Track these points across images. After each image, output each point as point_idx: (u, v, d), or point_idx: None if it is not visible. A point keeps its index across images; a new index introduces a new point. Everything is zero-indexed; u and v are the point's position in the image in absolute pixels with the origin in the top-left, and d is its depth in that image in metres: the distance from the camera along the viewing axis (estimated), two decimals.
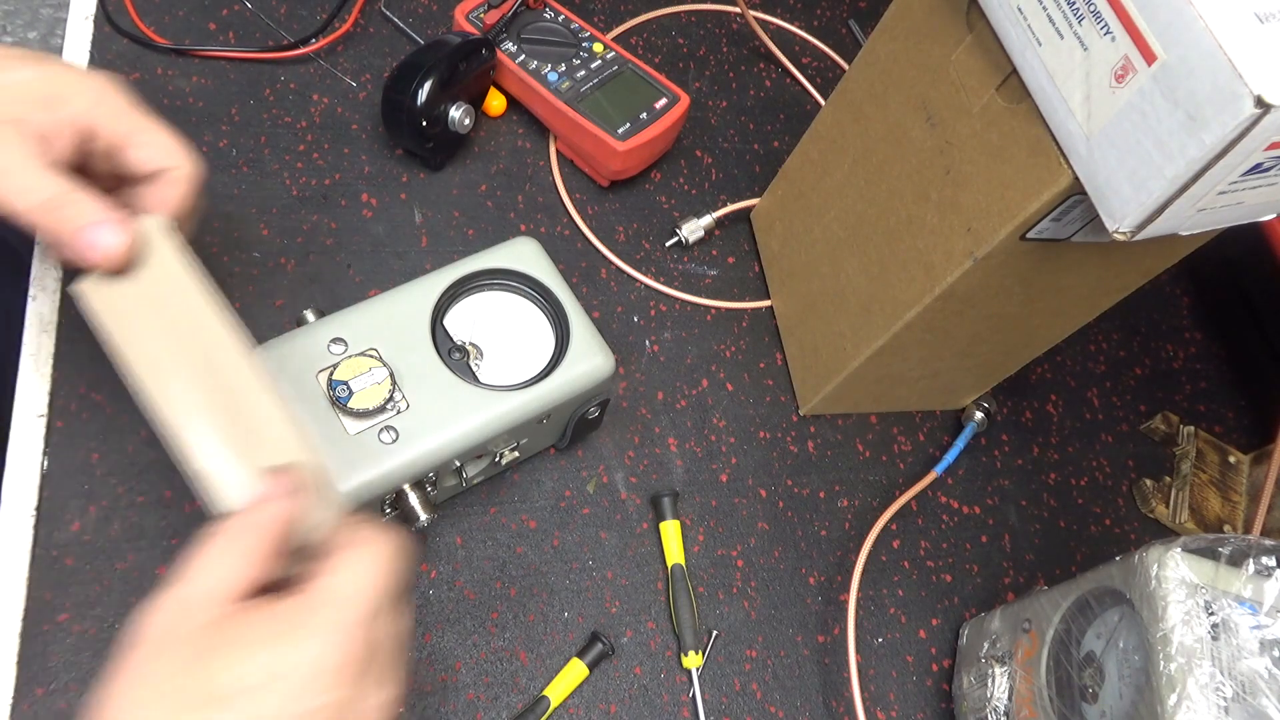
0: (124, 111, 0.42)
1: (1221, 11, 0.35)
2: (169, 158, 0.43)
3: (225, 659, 0.33)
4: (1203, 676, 0.43)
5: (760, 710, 0.58)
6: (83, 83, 0.41)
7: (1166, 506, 0.71)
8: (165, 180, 0.43)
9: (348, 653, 0.34)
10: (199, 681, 0.32)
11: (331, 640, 0.34)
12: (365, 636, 0.35)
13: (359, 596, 0.35)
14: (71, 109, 0.41)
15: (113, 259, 0.39)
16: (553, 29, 0.71)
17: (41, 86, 0.41)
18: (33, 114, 0.40)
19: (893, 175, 0.57)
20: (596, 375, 0.55)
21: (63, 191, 0.39)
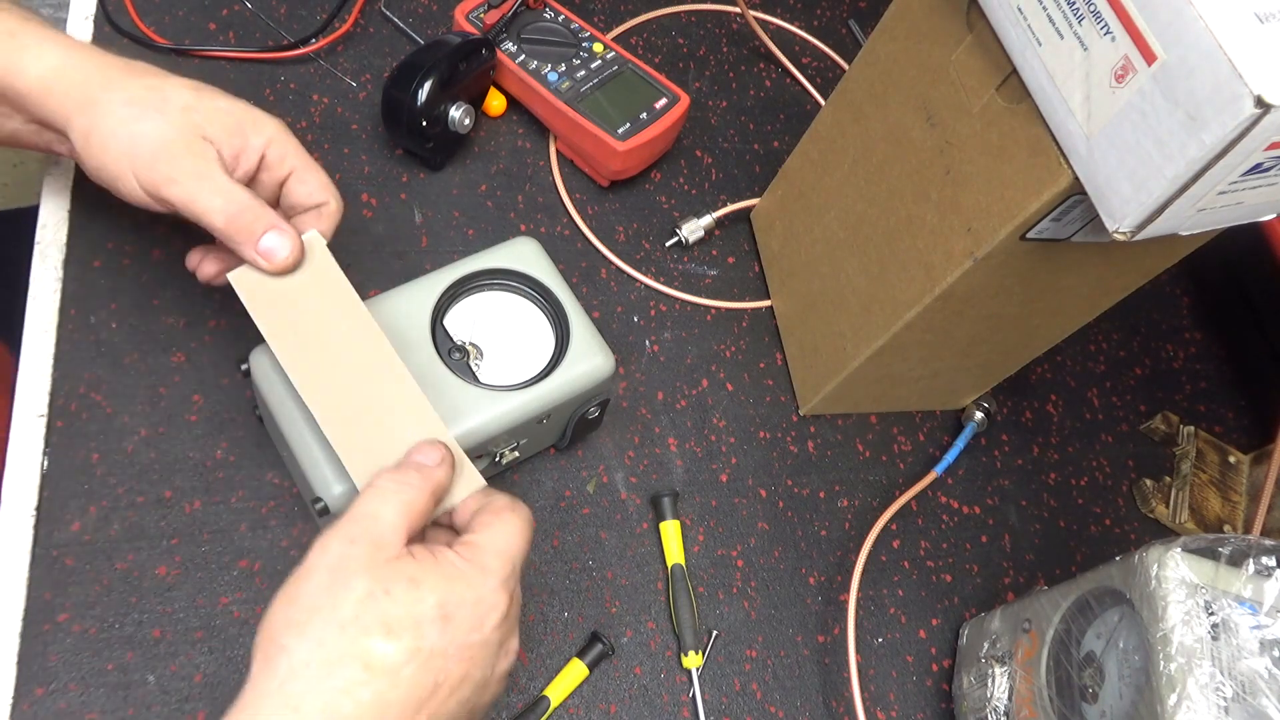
0: (295, 150, 0.50)
1: (1221, 11, 0.35)
2: (325, 193, 0.50)
3: (400, 592, 0.37)
4: (1203, 676, 0.43)
5: (760, 710, 0.58)
6: (267, 120, 0.49)
7: (1166, 506, 0.71)
8: (319, 213, 0.50)
9: (505, 599, 0.40)
10: (375, 611, 0.37)
11: (492, 585, 0.39)
12: (513, 589, 0.41)
13: (510, 551, 0.41)
14: (257, 140, 0.48)
15: (284, 264, 0.46)
16: (553, 29, 0.71)
17: (236, 116, 0.48)
18: (227, 138, 0.47)
19: (893, 175, 0.57)
20: (596, 375, 0.55)
21: (249, 204, 0.46)
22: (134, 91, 0.47)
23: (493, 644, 0.40)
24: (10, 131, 0.52)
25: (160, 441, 0.55)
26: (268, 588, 0.53)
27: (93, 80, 0.47)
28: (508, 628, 0.41)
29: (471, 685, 0.39)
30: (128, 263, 0.59)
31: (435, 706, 0.38)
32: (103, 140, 0.46)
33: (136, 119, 0.46)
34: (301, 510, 0.55)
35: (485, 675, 0.40)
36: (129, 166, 0.46)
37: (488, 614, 0.39)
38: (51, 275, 0.57)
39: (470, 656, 0.39)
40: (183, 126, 0.46)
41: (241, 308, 0.60)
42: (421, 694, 0.37)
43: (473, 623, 0.39)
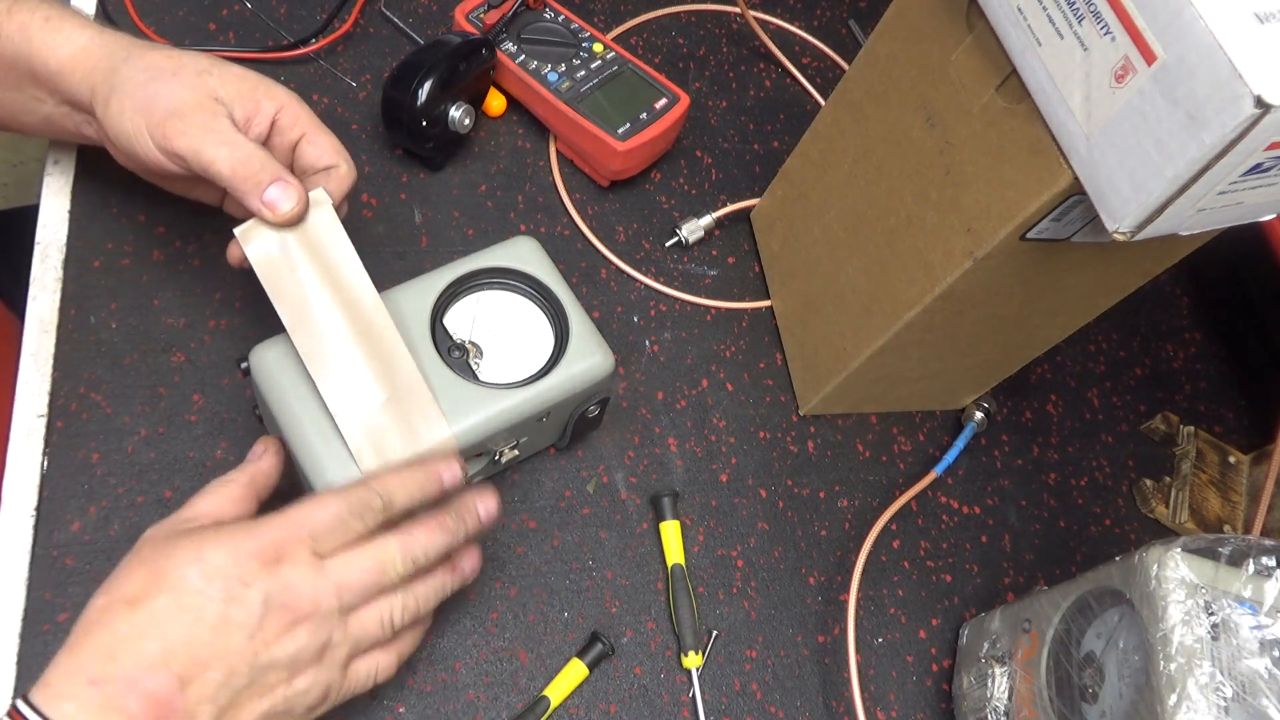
0: (307, 115, 0.52)
1: (1221, 11, 0.35)
2: (335, 157, 0.52)
3: (175, 550, 0.41)
4: (1203, 676, 0.43)
5: (760, 710, 0.58)
6: (279, 87, 0.52)
7: (1166, 506, 0.71)
8: (330, 175, 0.52)
9: (260, 548, 0.41)
10: (159, 566, 0.41)
11: (248, 548, 0.41)
12: (281, 549, 0.41)
13: (293, 518, 0.42)
14: (269, 104, 0.51)
15: (288, 215, 0.48)
16: (553, 29, 0.71)
17: (249, 81, 0.50)
18: (240, 101, 0.50)
19: (893, 175, 0.57)
20: (596, 373, 0.55)
21: (256, 154, 0.48)
22: (152, 59, 0.49)
23: (248, 601, 0.40)
24: (44, 116, 0.54)
25: (160, 441, 0.55)
26: None
27: (116, 54, 0.50)
28: (275, 587, 0.41)
29: (210, 625, 0.39)
30: (128, 263, 0.59)
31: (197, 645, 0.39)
32: (120, 102, 0.48)
33: (152, 81, 0.48)
34: None
35: (221, 613, 0.40)
36: (144, 123, 0.48)
37: (245, 556, 0.41)
38: (51, 275, 0.57)
39: (199, 602, 0.40)
40: (197, 88, 0.49)
41: (242, 306, 0.60)
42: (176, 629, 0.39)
43: (222, 568, 0.40)
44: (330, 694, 0.43)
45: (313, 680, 0.42)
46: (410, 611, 0.45)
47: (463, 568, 0.48)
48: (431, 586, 0.46)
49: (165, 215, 0.60)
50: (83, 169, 0.60)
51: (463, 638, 0.55)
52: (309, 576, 0.41)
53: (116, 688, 0.38)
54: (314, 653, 0.42)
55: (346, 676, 0.44)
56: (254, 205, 0.48)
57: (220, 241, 0.61)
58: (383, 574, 0.44)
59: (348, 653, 0.43)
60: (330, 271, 0.49)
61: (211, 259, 0.60)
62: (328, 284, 0.49)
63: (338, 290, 0.49)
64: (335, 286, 0.49)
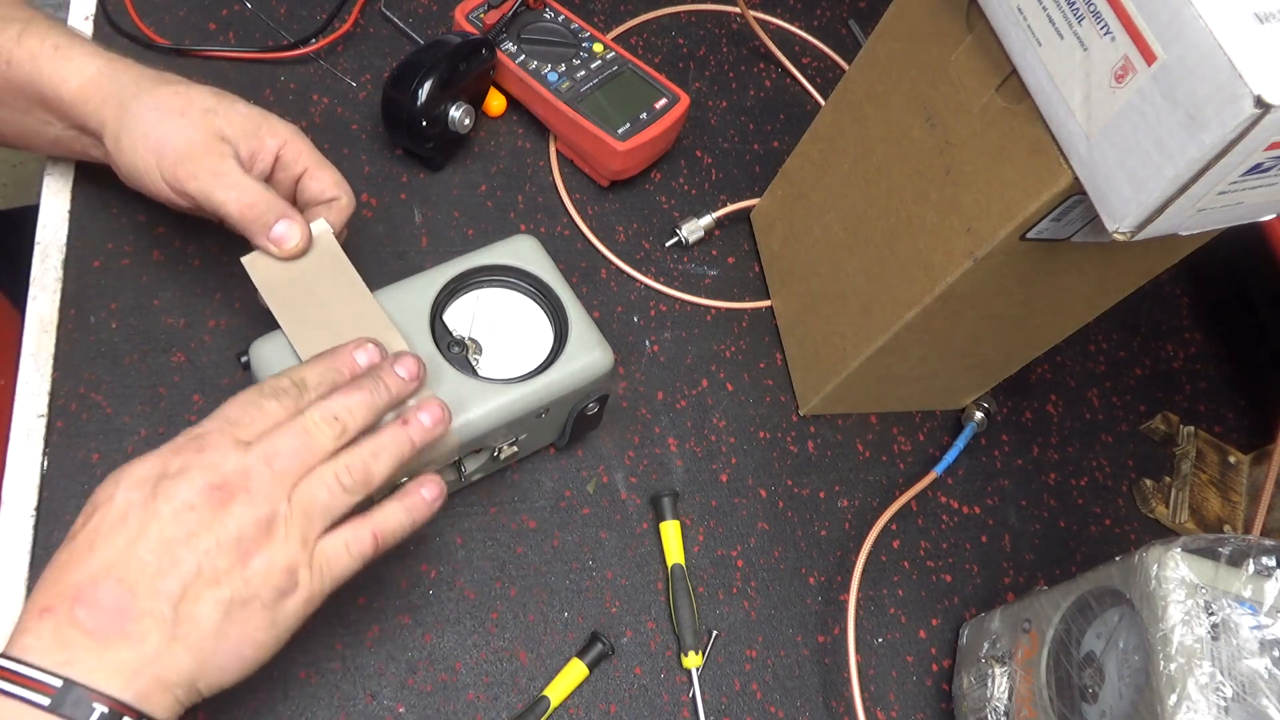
0: (309, 150, 0.54)
1: (1221, 11, 0.35)
2: (336, 190, 0.54)
3: (103, 483, 0.41)
4: (1203, 676, 0.43)
5: (760, 710, 0.58)
6: (282, 124, 0.54)
7: (1166, 506, 0.71)
8: (330, 207, 0.54)
9: (178, 445, 0.42)
10: (90, 501, 0.41)
11: (169, 442, 0.42)
12: (202, 441, 0.42)
13: (224, 411, 0.43)
14: (272, 141, 0.53)
15: (293, 250, 0.51)
16: (553, 29, 0.71)
17: (254, 120, 0.52)
18: (245, 139, 0.52)
19: (893, 175, 0.57)
20: (595, 370, 0.55)
21: (262, 195, 0.50)
22: (161, 97, 0.51)
23: (174, 491, 0.40)
24: (53, 138, 0.55)
25: (160, 441, 0.54)
26: None
27: (126, 88, 0.51)
28: (201, 472, 0.41)
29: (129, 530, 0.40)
30: (128, 263, 0.59)
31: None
32: (132, 141, 0.50)
33: (162, 121, 0.50)
34: None
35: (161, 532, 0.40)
36: (155, 164, 0.50)
37: (156, 465, 0.41)
38: (51, 275, 0.57)
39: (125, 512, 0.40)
40: (204, 128, 0.51)
41: (241, 306, 0.60)
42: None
43: (143, 473, 0.41)
44: (298, 575, 0.41)
45: (269, 559, 0.40)
46: (360, 470, 0.43)
47: (419, 419, 0.46)
48: (381, 443, 0.44)
49: (165, 215, 0.60)
50: (83, 169, 0.60)
51: (463, 638, 0.55)
52: (234, 455, 0.41)
53: (64, 607, 0.38)
54: (259, 528, 0.40)
55: (314, 555, 0.42)
56: (261, 243, 0.51)
57: (220, 242, 0.61)
58: (308, 437, 0.42)
59: (301, 526, 0.41)
60: (333, 293, 0.51)
61: (211, 259, 0.60)
62: (331, 305, 0.51)
63: (341, 310, 0.51)
64: (339, 307, 0.51)
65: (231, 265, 0.61)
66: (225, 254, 0.60)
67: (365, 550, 0.43)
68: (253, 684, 0.50)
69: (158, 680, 0.38)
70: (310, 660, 0.52)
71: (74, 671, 0.37)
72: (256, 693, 0.50)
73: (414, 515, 0.46)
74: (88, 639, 0.38)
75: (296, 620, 0.42)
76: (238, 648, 0.40)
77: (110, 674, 0.37)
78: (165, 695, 0.39)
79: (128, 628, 0.38)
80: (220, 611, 0.39)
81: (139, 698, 0.38)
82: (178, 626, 0.39)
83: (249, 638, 0.40)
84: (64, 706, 0.36)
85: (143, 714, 0.38)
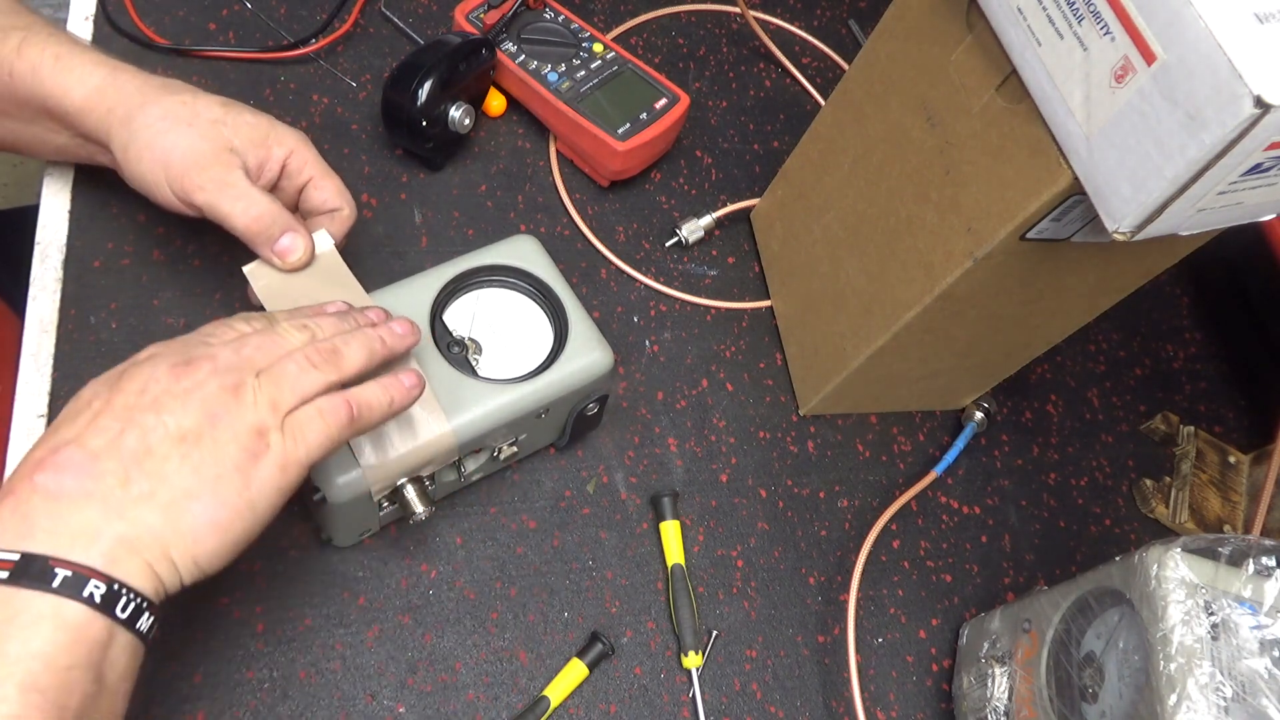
0: (314, 160, 0.54)
1: (1221, 11, 0.35)
2: (339, 200, 0.55)
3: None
4: (1203, 676, 0.43)
5: (760, 710, 0.58)
6: (288, 133, 0.54)
7: (1166, 506, 0.71)
8: (333, 217, 0.55)
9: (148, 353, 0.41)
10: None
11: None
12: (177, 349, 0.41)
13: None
14: (279, 150, 0.53)
15: (297, 262, 0.51)
16: (553, 29, 0.71)
17: (261, 130, 0.52)
18: (252, 149, 0.52)
19: (893, 175, 0.57)
20: (595, 370, 0.55)
21: (268, 208, 0.50)
22: (168, 106, 0.51)
23: (139, 369, 0.40)
24: (59, 146, 0.55)
25: None
26: (267, 587, 0.53)
27: (131, 98, 0.51)
28: (167, 354, 0.41)
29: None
30: (128, 263, 0.59)
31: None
32: (139, 152, 0.50)
33: (169, 131, 0.50)
34: (301, 510, 0.55)
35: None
36: (163, 175, 0.50)
37: (123, 367, 0.41)
38: (51, 275, 0.57)
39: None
40: (212, 138, 0.51)
41: (241, 306, 0.60)
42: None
43: (110, 374, 0.41)
44: (269, 437, 0.40)
45: (236, 419, 0.39)
46: (328, 350, 0.43)
47: (391, 325, 0.47)
48: (350, 335, 0.44)
49: (165, 215, 0.60)
50: (83, 169, 0.60)
51: (463, 638, 0.55)
52: (201, 346, 0.41)
53: (24, 483, 0.37)
54: (225, 391, 0.39)
55: (286, 422, 0.40)
56: (265, 254, 0.51)
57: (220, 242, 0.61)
58: (278, 336, 0.42)
59: (270, 393, 0.40)
60: (333, 297, 0.51)
61: (211, 259, 0.61)
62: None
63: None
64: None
65: (232, 265, 0.61)
66: (225, 254, 0.60)
67: (340, 418, 0.42)
68: (253, 684, 0.50)
69: (124, 541, 0.36)
70: (310, 660, 0.52)
71: (33, 543, 0.35)
72: (257, 692, 0.50)
73: (391, 395, 0.44)
74: (47, 504, 0.36)
75: (272, 488, 0.40)
76: (211, 511, 0.38)
77: (71, 538, 0.36)
78: (135, 559, 0.37)
79: (88, 485, 0.36)
80: (188, 468, 0.38)
81: (106, 561, 0.36)
82: (141, 482, 0.37)
83: (223, 500, 0.38)
84: (24, 579, 0.34)
85: (114, 579, 0.36)
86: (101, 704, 0.36)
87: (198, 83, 0.66)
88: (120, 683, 0.37)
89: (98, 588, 0.35)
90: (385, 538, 0.56)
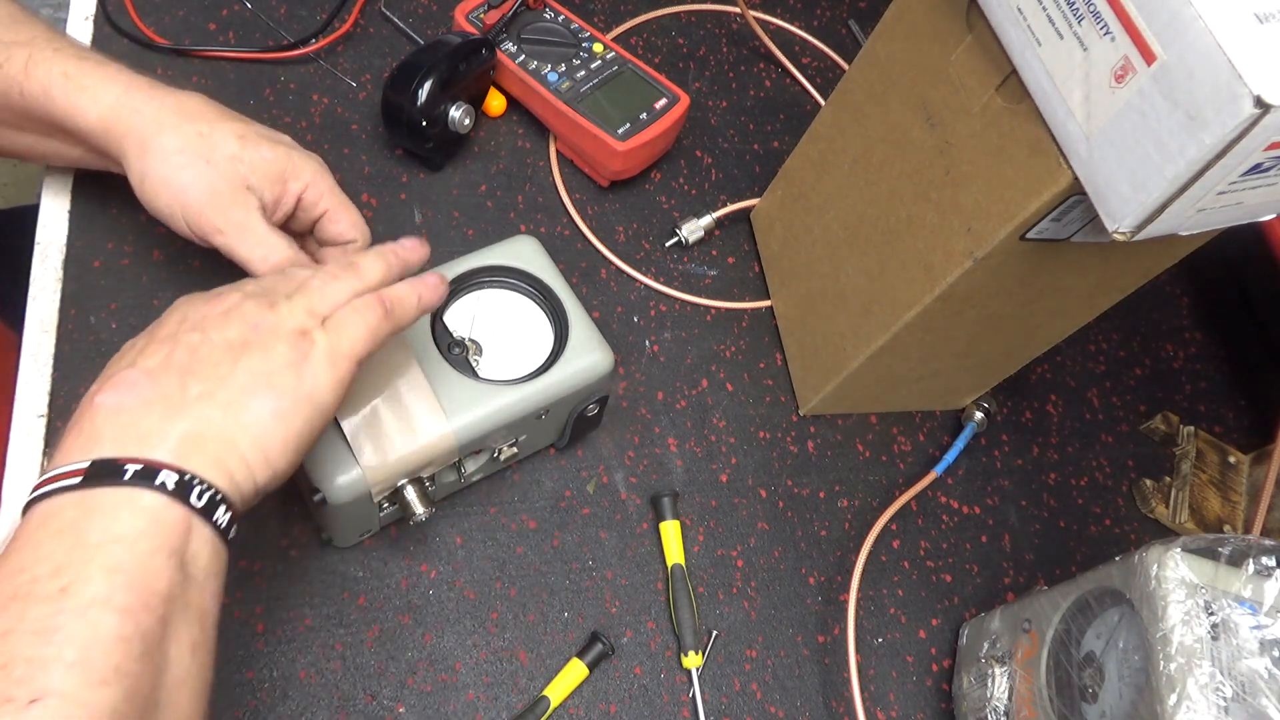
0: (331, 190, 0.54)
1: (1221, 11, 0.35)
2: (353, 232, 0.55)
3: None
4: (1203, 676, 0.43)
5: (760, 710, 0.58)
6: (306, 164, 0.53)
7: (1166, 506, 0.71)
8: (347, 249, 0.55)
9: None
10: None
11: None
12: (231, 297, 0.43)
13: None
14: (295, 185, 0.53)
15: None
16: (553, 29, 0.71)
17: (278, 165, 0.52)
18: (268, 186, 0.52)
19: (893, 175, 0.57)
20: (595, 371, 0.55)
21: (288, 255, 0.50)
22: (185, 138, 0.50)
23: (173, 312, 0.42)
24: (75, 158, 0.56)
25: None
26: (267, 587, 0.53)
27: (147, 123, 0.50)
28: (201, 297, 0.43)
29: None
30: (128, 263, 0.59)
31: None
32: (155, 187, 0.50)
33: (186, 167, 0.50)
34: (301, 510, 0.55)
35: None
36: (179, 212, 0.50)
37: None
38: (51, 275, 0.57)
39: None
40: (228, 177, 0.50)
41: None
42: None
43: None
44: (312, 334, 0.42)
45: (276, 321, 0.41)
46: (345, 264, 0.45)
47: (400, 242, 0.48)
48: (365, 251, 0.47)
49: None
50: (83, 169, 0.60)
51: (463, 638, 0.55)
52: (227, 289, 0.43)
53: (85, 409, 0.38)
54: (263, 304, 0.42)
55: (327, 324, 0.42)
56: None
57: None
58: (294, 273, 0.45)
59: (304, 303, 0.42)
60: None
61: (212, 259, 0.60)
62: None
63: None
64: None
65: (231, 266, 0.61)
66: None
67: (377, 312, 0.43)
68: (253, 684, 0.50)
69: (189, 438, 0.37)
70: (310, 660, 0.52)
71: (101, 450, 0.36)
72: (257, 692, 0.50)
73: (418, 291, 0.46)
74: (110, 418, 0.37)
75: (327, 381, 0.41)
76: (271, 403, 0.39)
77: (139, 440, 0.37)
78: (203, 454, 0.37)
79: (147, 395, 0.38)
80: (241, 369, 0.39)
81: (175, 456, 0.37)
82: (198, 385, 0.39)
83: (280, 392, 0.40)
84: (96, 480, 0.35)
85: (185, 470, 0.37)
86: (190, 596, 0.37)
87: (198, 83, 0.66)
88: (207, 579, 0.38)
89: (169, 476, 0.36)
90: (385, 538, 0.56)
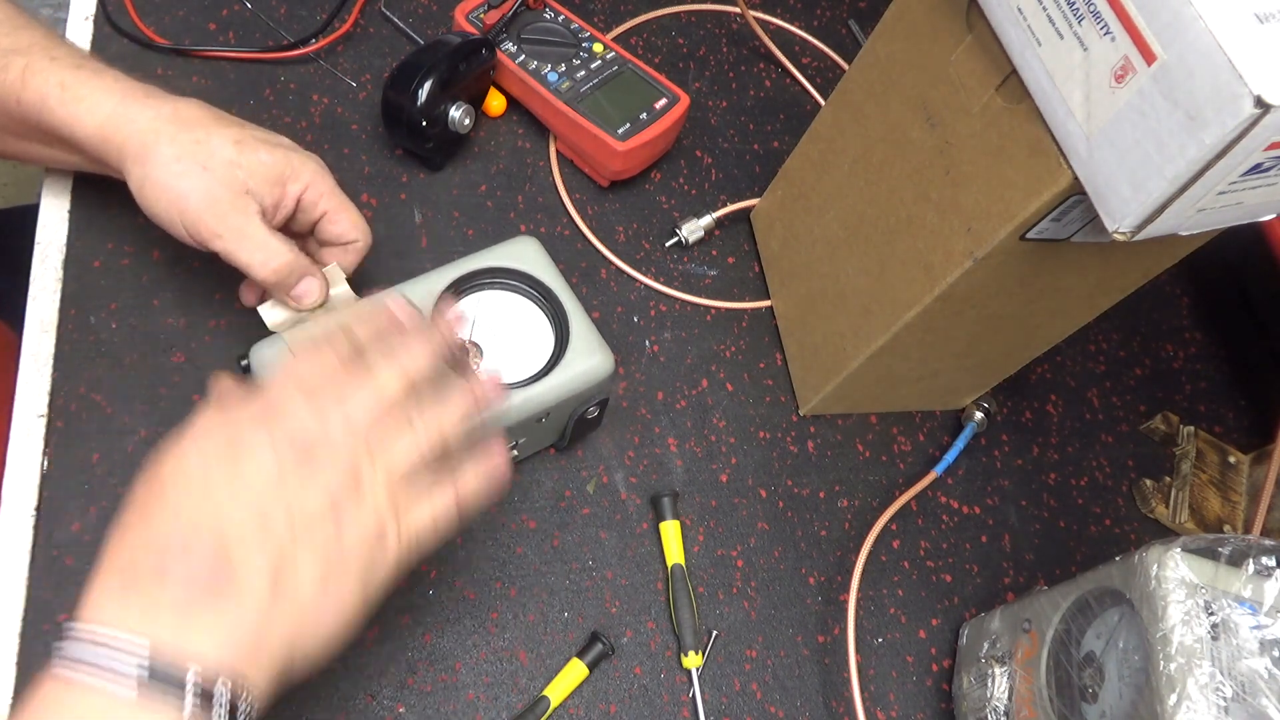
0: (331, 191, 0.54)
1: (1221, 11, 0.35)
2: (354, 232, 0.55)
3: (164, 456, 0.40)
4: (1202, 676, 0.43)
5: (760, 710, 0.58)
6: (305, 166, 0.53)
7: (1166, 506, 0.71)
8: (348, 249, 0.55)
9: (249, 413, 0.40)
10: (153, 473, 0.39)
11: (236, 409, 0.40)
12: (271, 404, 0.40)
13: (271, 382, 0.41)
14: (294, 187, 0.53)
15: (312, 305, 0.53)
16: (553, 29, 0.71)
17: (276, 168, 0.52)
18: (267, 189, 0.52)
19: (893, 175, 0.57)
20: (596, 374, 0.55)
21: (289, 260, 0.51)
22: (182, 146, 0.50)
23: (255, 449, 0.39)
24: (76, 164, 0.56)
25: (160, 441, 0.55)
26: None
27: (144, 133, 0.50)
28: (278, 430, 0.39)
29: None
30: (128, 263, 0.59)
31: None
32: (154, 194, 0.50)
33: (184, 175, 0.50)
34: None
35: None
36: (179, 218, 0.50)
37: (229, 430, 0.40)
38: (51, 275, 0.57)
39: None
40: (227, 181, 0.50)
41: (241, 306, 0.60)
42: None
43: (217, 440, 0.39)
44: (388, 539, 0.40)
45: (362, 522, 0.39)
46: (435, 429, 0.42)
47: (483, 389, 0.45)
48: (452, 404, 0.43)
49: None
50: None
51: (463, 638, 0.55)
52: (306, 410, 0.39)
53: (149, 566, 0.35)
54: (346, 483, 0.39)
55: (401, 520, 0.40)
56: (282, 298, 0.53)
57: None
58: (377, 383, 0.41)
59: (386, 482, 0.40)
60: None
61: (211, 259, 0.60)
62: None
63: None
64: None
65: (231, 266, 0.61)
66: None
67: (450, 521, 0.42)
68: None
69: (258, 646, 0.36)
70: None
71: (160, 634, 0.34)
72: None
73: (487, 484, 0.44)
74: (179, 600, 0.35)
75: (381, 588, 0.40)
76: (335, 613, 0.38)
77: (205, 635, 0.35)
78: (263, 662, 0.36)
79: (225, 588, 0.35)
80: (319, 574, 0.38)
81: (241, 660, 0.35)
82: (278, 586, 0.36)
83: (343, 602, 0.39)
84: (154, 675, 0.33)
85: (237, 684, 0.35)
86: None
87: (197, 83, 0.66)
88: None
89: (222, 693, 0.35)
90: None
